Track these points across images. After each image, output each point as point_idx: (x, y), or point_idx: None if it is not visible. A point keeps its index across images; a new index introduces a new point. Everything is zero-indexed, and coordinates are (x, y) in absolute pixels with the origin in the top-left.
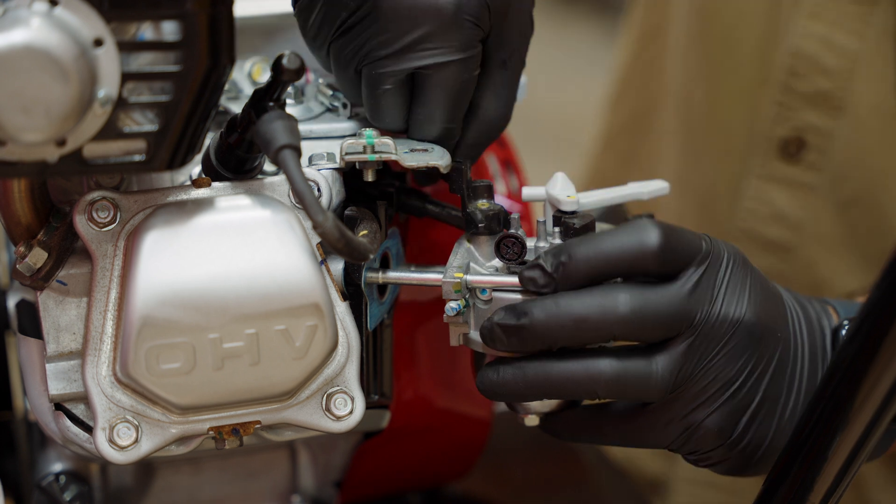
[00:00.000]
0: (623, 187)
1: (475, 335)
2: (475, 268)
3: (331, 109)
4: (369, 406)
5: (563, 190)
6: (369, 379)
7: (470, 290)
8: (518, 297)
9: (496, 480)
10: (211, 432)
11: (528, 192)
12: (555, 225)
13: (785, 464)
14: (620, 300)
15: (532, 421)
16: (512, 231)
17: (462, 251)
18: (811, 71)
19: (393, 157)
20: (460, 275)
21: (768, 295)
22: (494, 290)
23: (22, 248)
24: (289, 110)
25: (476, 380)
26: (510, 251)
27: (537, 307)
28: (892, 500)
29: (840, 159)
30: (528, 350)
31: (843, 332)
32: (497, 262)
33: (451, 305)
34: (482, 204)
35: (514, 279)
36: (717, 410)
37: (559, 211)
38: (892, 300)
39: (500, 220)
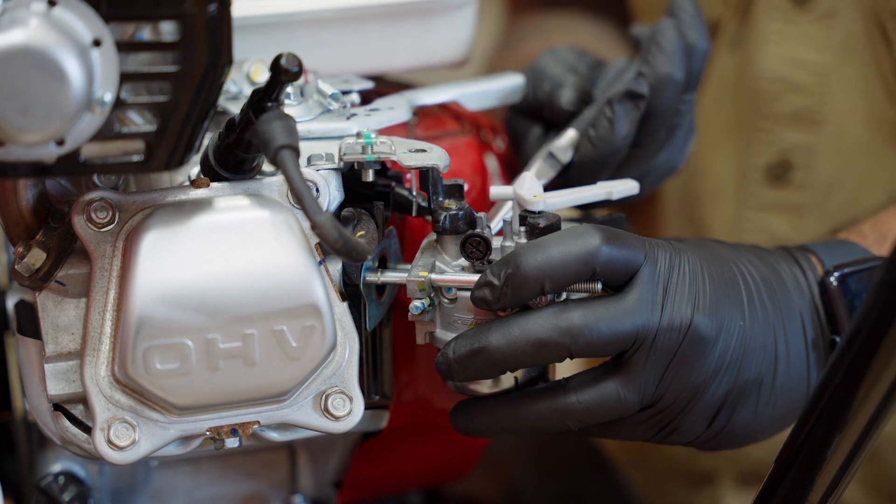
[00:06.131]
0: (592, 187)
1: (441, 333)
2: (441, 266)
3: (329, 110)
4: (368, 406)
5: (529, 189)
6: (368, 379)
7: (435, 289)
8: None
9: (496, 480)
10: (209, 433)
11: (495, 191)
12: (521, 224)
13: (784, 463)
14: (574, 319)
15: None
16: (477, 230)
17: (428, 250)
18: (786, 91)
19: (392, 158)
20: (425, 273)
21: (718, 287)
22: (459, 289)
23: (21, 249)
24: (287, 111)
25: (450, 420)
26: (475, 250)
27: (494, 335)
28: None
29: (825, 172)
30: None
31: (832, 279)
32: (463, 261)
33: (416, 304)
34: (449, 203)
35: (478, 278)
36: (690, 411)
37: (525, 210)
38: (892, 300)
39: (466, 219)
